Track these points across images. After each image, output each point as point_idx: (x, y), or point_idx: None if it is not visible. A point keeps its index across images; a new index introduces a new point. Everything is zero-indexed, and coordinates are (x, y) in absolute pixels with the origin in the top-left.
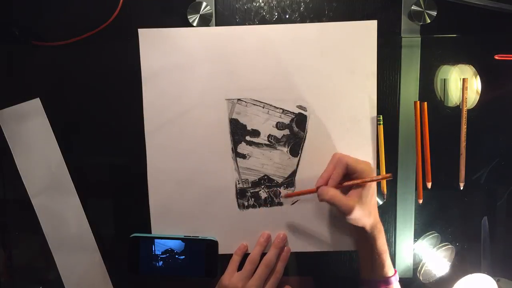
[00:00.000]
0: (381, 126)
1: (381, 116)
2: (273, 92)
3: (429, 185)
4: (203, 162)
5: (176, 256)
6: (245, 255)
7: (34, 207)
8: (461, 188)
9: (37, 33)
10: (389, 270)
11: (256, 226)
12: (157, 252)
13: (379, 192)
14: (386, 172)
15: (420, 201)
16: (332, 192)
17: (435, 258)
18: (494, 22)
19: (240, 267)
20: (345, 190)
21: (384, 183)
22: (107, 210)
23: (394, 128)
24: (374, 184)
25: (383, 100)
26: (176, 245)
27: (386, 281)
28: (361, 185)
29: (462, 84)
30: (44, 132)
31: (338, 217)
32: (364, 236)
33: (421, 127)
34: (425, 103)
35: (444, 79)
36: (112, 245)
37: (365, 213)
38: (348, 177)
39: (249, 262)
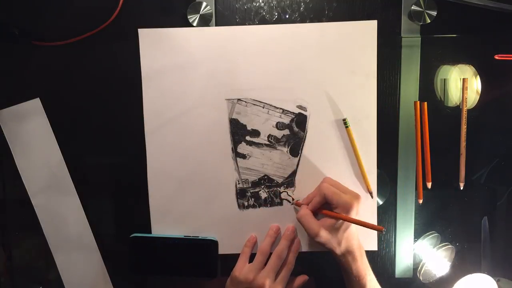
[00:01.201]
0: (349, 128)
1: (346, 118)
2: (273, 92)
3: (429, 185)
4: (203, 162)
5: (176, 256)
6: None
7: (34, 207)
8: (461, 188)
9: (37, 33)
10: None
11: (256, 226)
12: (157, 252)
13: (379, 193)
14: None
15: (420, 201)
16: (303, 212)
17: (435, 258)
18: (494, 22)
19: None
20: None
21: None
22: (107, 210)
23: (394, 128)
24: (354, 215)
25: (383, 100)
26: (176, 245)
27: None
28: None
29: (462, 84)
30: (44, 132)
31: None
32: (337, 259)
33: (421, 127)
34: (425, 103)
35: (444, 79)
36: (112, 245)
37: (333, 240)
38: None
39: (260, 253)
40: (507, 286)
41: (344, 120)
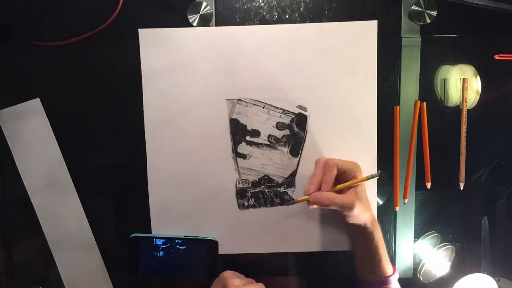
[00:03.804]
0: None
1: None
2: (273, 92)
3: (428, 185)
4: (203, 162)
5: (176, 256)
6: (244, 256)
7: (34, 207)
8: (461, 188)
9: (37, 33)
10: (387, 268)
11: (256, 226)
12: (157, 252)
13: (379, 193)
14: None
15: (405, 201)
16: (330, 195)
17: (435, 258)
18: (494, 22)
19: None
20: (339, 191)
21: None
22: (107, 210)
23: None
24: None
25: (383, 100)
26: (176, 245)
27: (385, 281)
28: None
29: (462, 84)
30: (44, 132)
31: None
32: (362, 233)
33: (421, 127)
34: (424, 103)
35: (444, 79)
36: (112, 245)
37: (364, 208)
38: (337, 179)
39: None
40: (507, 286)
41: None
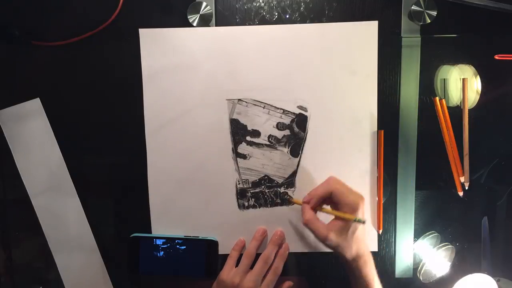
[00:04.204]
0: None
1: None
2: (274, 93)
3: (462, 179)
4: (204, 162)
5: (176, 256)
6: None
7: (34, 207)
8: (466, 188)
9: (37, 33)
10: None
11: (256, 226)
12: (157, 252)
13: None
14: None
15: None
16: (309, 216)
17: (435, 258)
18: (494, 22)
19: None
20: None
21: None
22: (107, 210)
23: (394, 128)
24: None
25: (383, 100)
26: (176, 245)
27: None
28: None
29: (462, 84)
30: (44, 132)
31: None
32: (348, 265)
33: (445, 124)
34: (443, 99)
35: (444, 79)
36: (112, 245)
37: (344, 244)
38: (335, 205)
39: (245, 257)
40: (507, 286)
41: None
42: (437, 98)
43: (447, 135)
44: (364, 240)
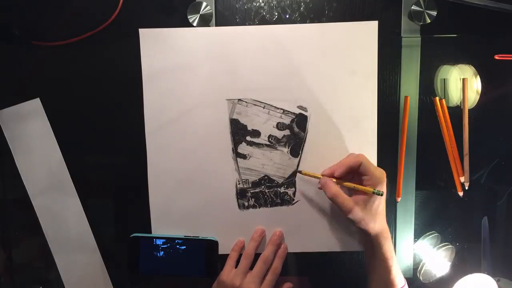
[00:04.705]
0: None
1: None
2: (274, 93)
3: (462, 179)
4: (204, 162)
5: (176, 256)
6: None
7: (34, 207)
8: (466, 188)
9: (37, 33)
10: (397, 280)
11: (256, 226)
12: (157, 252)
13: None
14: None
15: (398, 199)
16: (334, 189)
17: (435, 258)
18: (494, 22)
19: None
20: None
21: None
22: (107, 210)
23: (394, 128)
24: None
25: (383, 100)
26: (176, 245)
27: None
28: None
29: (462, 84)
30: (44, 132)
31: (339, 218)
32: (367, 240)
33: (445, 124)
34: (443, 99)
35: (444, 79)
36: (112, 245)
37: (368, 218)
38: (359, 179)
39: (244, 257)
40: (507, 286)
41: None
42: (437, 98)
43: (447, 135)
44: (385, 214)
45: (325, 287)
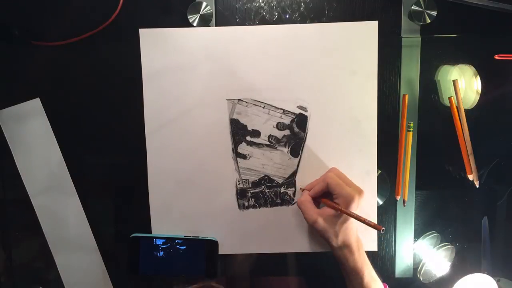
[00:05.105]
0: (410, 133)
1: (412, 123)
2: (274, 93)
3: (470, 177)
4: (204, 162)
5: (176, 256)
6: (244, 256)
7: (34, 207)
8: (477, 186)
9: (37, 33)
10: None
11: (256, 226)
12: (157, 252)
13: (379, 193)
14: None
15: (398, 197)
16: (303, 198)
17: (435, 258)
18: (494, 22)
19: None
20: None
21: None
22: (107, 210)
23: (394, 128)
24: (354, 209)
25: (383, 100)
26: (176, 245)
27: None
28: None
29: (453, 86)
30: (44, 132)
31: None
32: (333, 252)
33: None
34: (452, 97)
35: (444, 79)
36: (112, 245)
37: (331, 231)
38: (332, 197)
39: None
40: (507, 286)
41: (408, 124)
42: (453, 98)
43: (462, 134)
44: (354, 231)
45: (325, 287)
